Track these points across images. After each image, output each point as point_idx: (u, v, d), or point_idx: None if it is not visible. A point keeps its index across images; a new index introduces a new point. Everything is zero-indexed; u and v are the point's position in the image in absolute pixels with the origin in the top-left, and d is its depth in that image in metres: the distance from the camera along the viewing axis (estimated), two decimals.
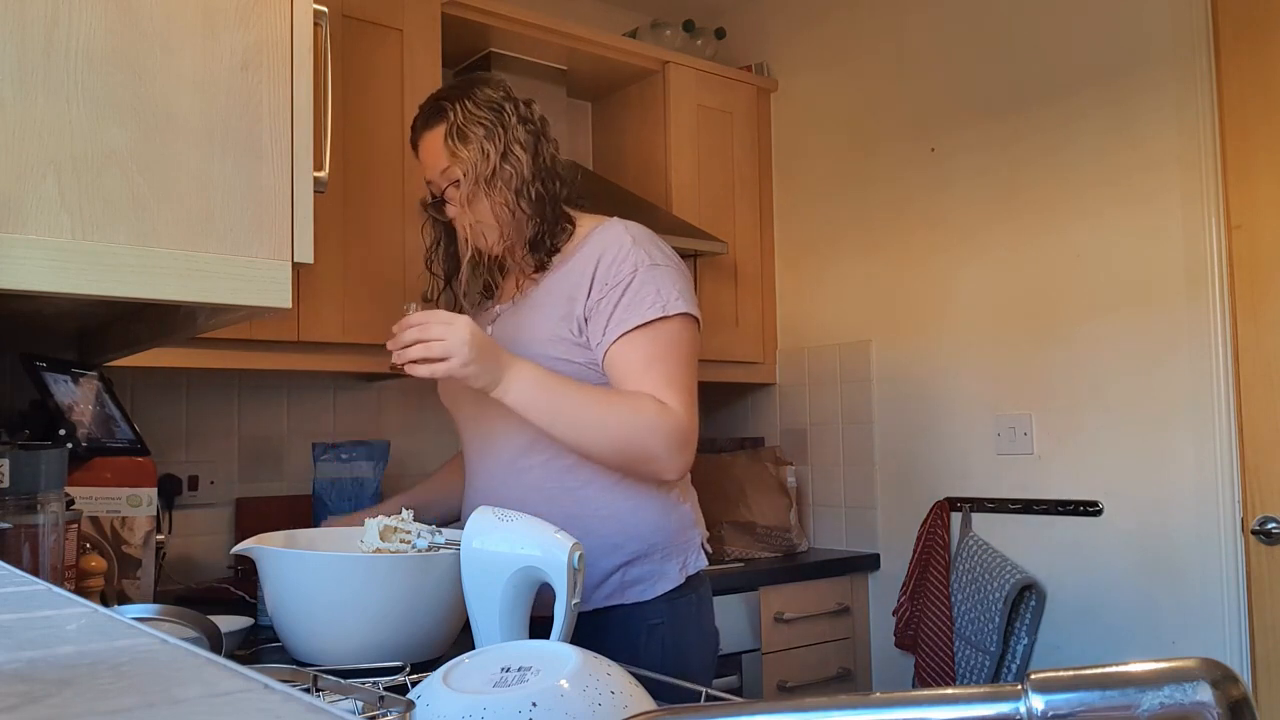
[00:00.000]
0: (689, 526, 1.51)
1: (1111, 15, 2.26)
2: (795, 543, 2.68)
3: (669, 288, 1.41)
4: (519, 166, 1.45)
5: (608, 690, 0.78)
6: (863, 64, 2.79)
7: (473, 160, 1.44)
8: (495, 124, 1.45)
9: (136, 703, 0.30)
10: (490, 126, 1.45)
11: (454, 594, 1.20)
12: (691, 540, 1.50)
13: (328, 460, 2.16)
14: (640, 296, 1.39)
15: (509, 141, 1.45)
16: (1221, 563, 2.07)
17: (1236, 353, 2.09)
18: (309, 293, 1.99)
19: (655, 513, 1.46)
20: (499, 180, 1.44)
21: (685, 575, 1.47)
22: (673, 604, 1.45)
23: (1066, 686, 0.40)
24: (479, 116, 1.45)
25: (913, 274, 2.64)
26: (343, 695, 0.84)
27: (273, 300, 1.00)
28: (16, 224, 0.86)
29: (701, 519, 1.57)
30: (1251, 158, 2.08)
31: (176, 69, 0.96)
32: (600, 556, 1.42)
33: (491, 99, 1.47)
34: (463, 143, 1.45)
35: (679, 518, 1.49)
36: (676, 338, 1.41)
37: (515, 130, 1.46)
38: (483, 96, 1.47)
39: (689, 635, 1.47)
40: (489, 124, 1.45)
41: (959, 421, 2.53)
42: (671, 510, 1.48)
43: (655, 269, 1.41)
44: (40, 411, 1.33)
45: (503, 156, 1.44)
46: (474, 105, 1.46)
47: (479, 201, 1.46)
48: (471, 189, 1.45)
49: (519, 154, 1.45)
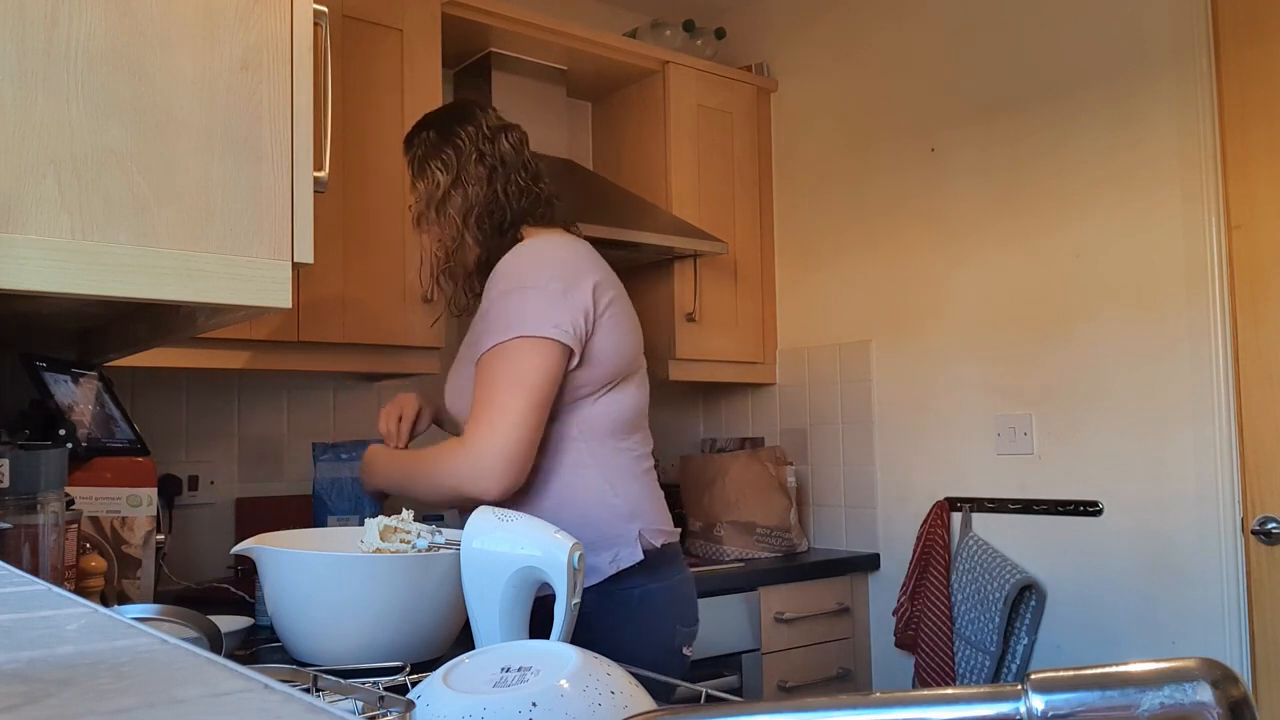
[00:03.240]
0: (621, 520, 1.50)
1: (1111, 15, 2.26)
2: (795, 543, 2.68)
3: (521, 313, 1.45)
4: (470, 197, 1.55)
5: (608, 690, 0.78)
6: (862, 64, 2.79)
7: (424, 189, 1.58)
8: (452, 156, 1.56)
9: (136, 703, 0.30)
10: (448, 159, 1.56)
11: (454, 594, 1.20)
12: (624, 534, 1.50)
13: (328, 460, 2.16)
14: (495, 321, 1.46)
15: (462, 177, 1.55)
16: (1221, 563, 2.07)
17: (1236, 352, 2.09)
18: (309, 293, 1.99)
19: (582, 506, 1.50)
20: (448, 207, 1.56)
21: (616, 568, 1.48)
22: (605, 596, 1.47)
23: (1066, 686, 0.40)
24: (440, 149, 1.57)
25: (913, 273, 2.64)
26: (343, 695, 0.84)
27: (273, 300, 1.00)
28: (16, 224, 0.86)
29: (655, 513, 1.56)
30: (1251, 158, 2.08)
31: (176, 69, 0.96)
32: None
33: (453, 133, 1.58)
34: (420, 174, 1.59)
35: (608, 512, 1.50)
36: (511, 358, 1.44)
37: (470, 164, 1.56)
38: (447, 129, 1.58)
39: (624, 632, 1.48)
40: (447, 157, 1.56)
41: (959, 421, 2.53)
42: (601, 505, 1.50)
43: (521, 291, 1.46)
44: (40, 411, 1.33)
45: (453, 185, 1.55)
46: (439, 137, 1.58)
47: (430, 226, 1.60)
48: (420, 213, 1.59)
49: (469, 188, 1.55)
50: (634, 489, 1.55)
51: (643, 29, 2.92)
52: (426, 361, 2.20)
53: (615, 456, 1.54)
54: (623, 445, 1.55)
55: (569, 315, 1.45)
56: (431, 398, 1.76)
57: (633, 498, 1.54)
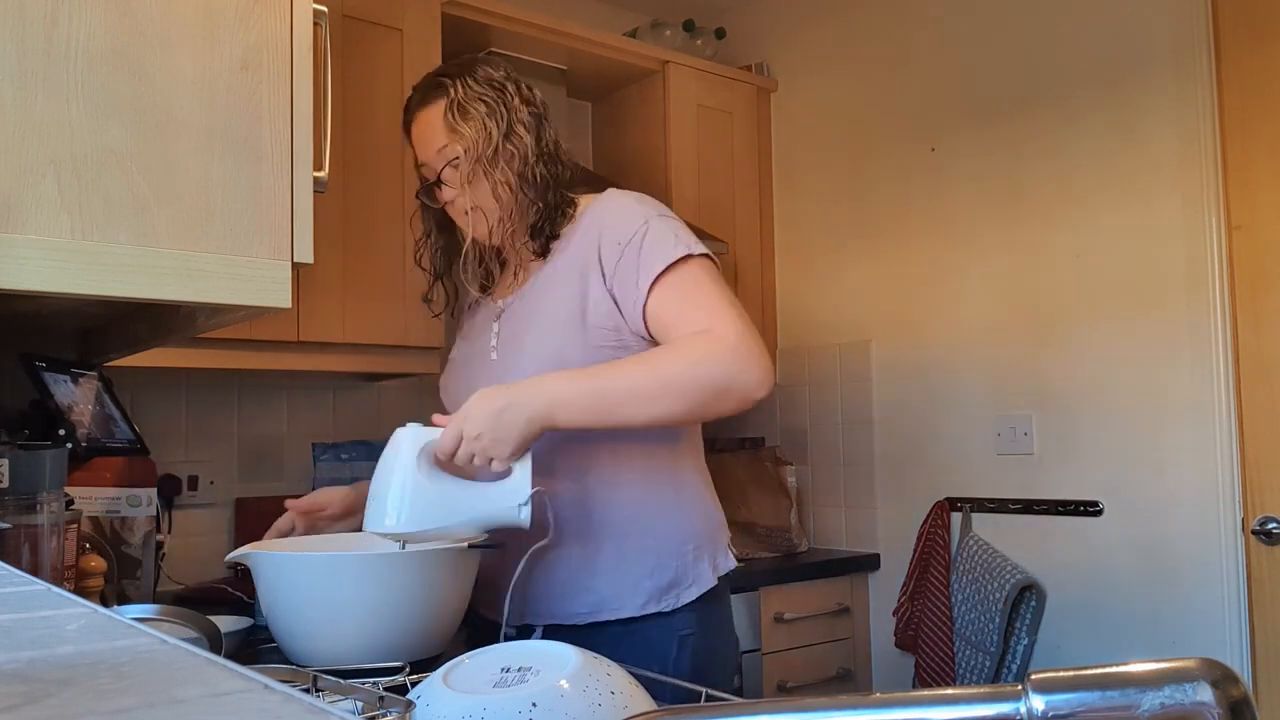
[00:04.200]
0: (716, 523, 1.41)
1: (1111, 16, 2.26)
2: (795, 543, 2.67)
3: (684, 233, 1.34)
4: (522, 147, 1.37)
5: (608, 690, 0.78)
6: (863, 64, 2.78)
7: (474, 137, 1.36)
8: (498, 101, 1.37)
9: (136, 703, 0.30)
10: (492, 104, 1.37)
11: (454, 592, 1.20)
12: (720, 538, 1.41)
13: (328, 460, 2.16)
14: (660, 242, 1.31)
15: (512, 120, 1.37)
16: (1222, 563, 2.07)
17: (1236, 353, 2.09)
18: (309, 293, 1.99)
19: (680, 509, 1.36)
20: (501, 160, 1.36)
21: (718, 575, 1.37)
22: (703, 610, 1.34)
23: (1066, 686, 0.40)
24: (481, 93, 1.38)
25: (913, 273, 2.64)
26: (343, 695, 0.84)
27: (273, 300, 1.00)
28: (16, 224, 0.86)
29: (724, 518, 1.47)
30: (1252, 159, 2.08)
31: (176, 69, 0.96)
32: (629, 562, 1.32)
33: (493, 77, 1.40)
34: (464, 119, 1.36)
35: (705, 514, 1.39)
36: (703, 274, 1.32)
37: (518, 109, 1.38)
38: (484, 74, 1.40)
39: (718, 644, 1.38)
40: (491, 101, 1.37)
41: (959, 421, 2.53)
42: (696, 505, 1.39)
43: (664, 219, 1.35)
44: (40, 411, 1.33)
45: (505, 135, 1.36)
46: (475, 82, 1.38)
47: (479, 183, 1.37)
48: (472, 168, 1.36)
49: (522, 134, 1.37)
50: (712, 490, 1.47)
51: (643, 29, 2.92)
52: (426, 361, 2.20)
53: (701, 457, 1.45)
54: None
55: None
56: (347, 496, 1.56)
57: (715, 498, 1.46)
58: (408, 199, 2.15)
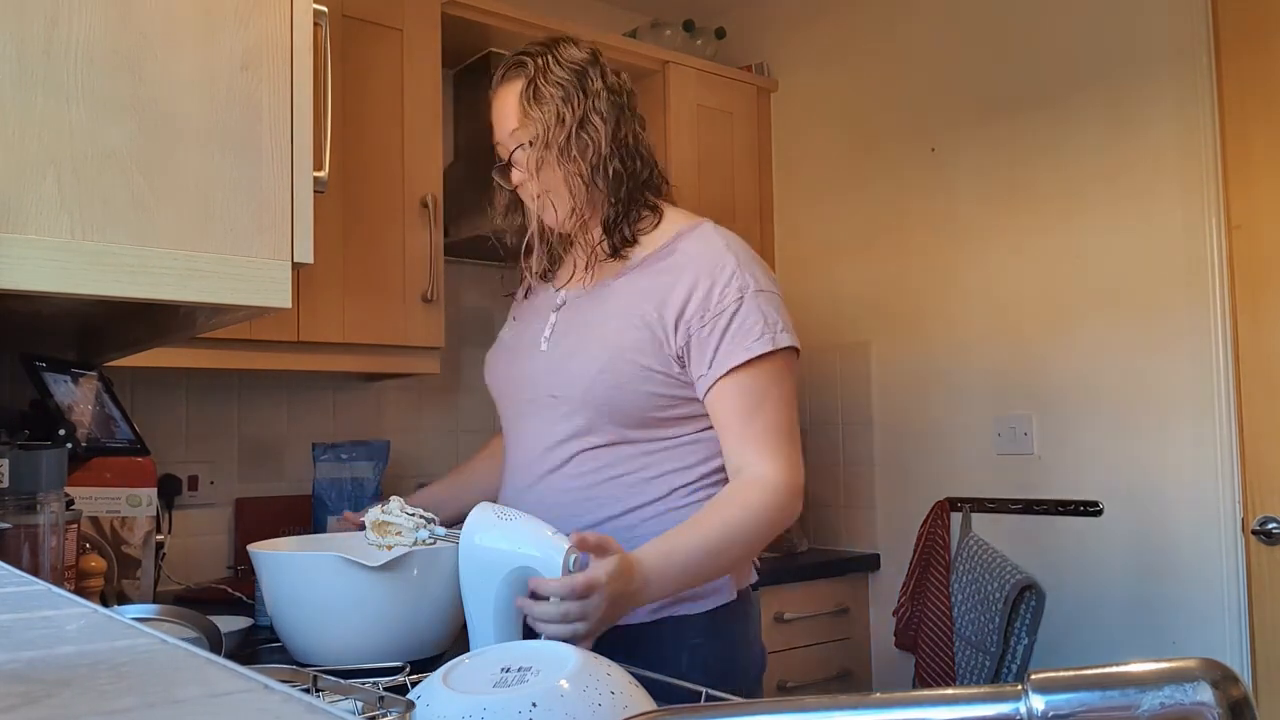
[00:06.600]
0: None
1: (1112, 15, 2.26)
2: (795, 543, 2.67)
3: (775, 317, 1.29)
4: (596, 138, 1.33)
5: (608, 690, 0.78)
6: (863, 64, 2.78)
7: (546, 123, 1.32)
8: (575, 87, 1.33)
9: (136, 703, 0.30)
10: (570, 89, 1.33)
11: (453, 592, 1.20)
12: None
13: (328, 460, 2.16)
14: (746, 327, 1.27)
15: (589, 108, 1.33)
16: (1221, 563, 2.07)
17: (1236, 353, 2.09)
18: (309, 293, 1.99)
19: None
20: (573, 149, 1.32)
21: (737, 589, 1.35)
22: (718, 621, 1.32)
23: (1066, 686, 0.40)
24: (560, 77, 1.33)
25: (913, 274, 2.64)
26: (343, 695, 0.84)
27: (273, 300, 1.00)
28: (16, 224, 0.86)
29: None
30: (1251, 158, 2.08)
31: (176, 69, 0.96)
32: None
33: (576, 60, 1.35)
34: (538, 103, 1.32)
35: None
36: (779, 377, 1.29)
37: (597, 97, 1.34)
38: (568, 55, 1.35)
39: (736, 656, 1.35)
40: (569, 86, 1.33)
41: (959, 421, 2.53)
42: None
43: (760, 295, 1.30)
44: (40, 411, 1.33)
45: (579, 124, 1.32)
46: (557, 63, 1.34)
47: (549, 170, 1.33)
48: (541, 155, 1.33)
49: (598, 124, 1.33)
50: None
51: (643, 29, 2.92)
52: (426, 361, 2.20)
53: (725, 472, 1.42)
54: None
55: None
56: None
57: None
58: (408, 199, 2.15)
